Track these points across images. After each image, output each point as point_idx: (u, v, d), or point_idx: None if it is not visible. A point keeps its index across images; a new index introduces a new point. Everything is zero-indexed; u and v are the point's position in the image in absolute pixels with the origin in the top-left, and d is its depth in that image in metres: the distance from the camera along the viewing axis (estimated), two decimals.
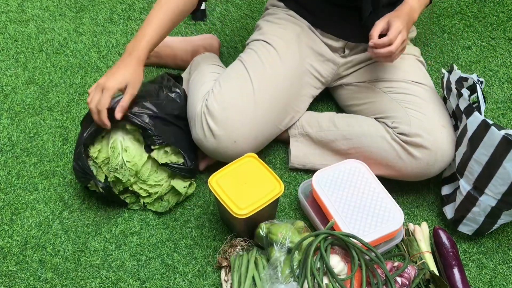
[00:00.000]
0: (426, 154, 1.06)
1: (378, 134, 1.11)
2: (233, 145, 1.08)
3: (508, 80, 1.43)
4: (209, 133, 1.08)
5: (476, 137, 0.99)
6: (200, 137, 1.09)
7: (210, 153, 1.11)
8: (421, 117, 1.08)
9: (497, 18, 1.60)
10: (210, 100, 1.09)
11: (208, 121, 1.07)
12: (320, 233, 0.98)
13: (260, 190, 1.00)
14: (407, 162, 1.08)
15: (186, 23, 1.56)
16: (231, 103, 1.07)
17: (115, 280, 1.04)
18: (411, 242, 1.06)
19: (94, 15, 1.57)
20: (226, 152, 1.08)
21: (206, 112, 1.08)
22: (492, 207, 1.01)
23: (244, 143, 1.08)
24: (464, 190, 1.05)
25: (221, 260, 1.04)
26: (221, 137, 1.07)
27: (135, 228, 1.12)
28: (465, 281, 1.01)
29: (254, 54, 1.16)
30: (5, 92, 1.36)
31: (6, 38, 1.50)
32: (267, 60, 1.14)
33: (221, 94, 1.09)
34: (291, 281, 0.95)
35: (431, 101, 1.12)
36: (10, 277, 1.04)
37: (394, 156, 1.09)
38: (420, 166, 1.07)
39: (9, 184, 1.18)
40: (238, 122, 1.07)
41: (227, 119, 1.07)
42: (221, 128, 1.07)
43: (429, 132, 1.06)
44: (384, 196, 1.07)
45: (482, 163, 0.99)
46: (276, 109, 1.13)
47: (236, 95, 1.09)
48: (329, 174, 1.11)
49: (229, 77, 1.13)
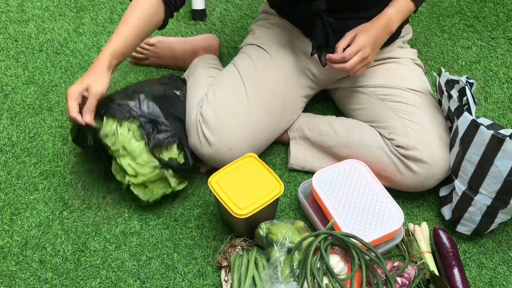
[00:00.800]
0: (424, 168, 1.06)
1: (376, 145, 1.11)
2: (229, 152, 1.09)
3: (508, 80, 1.43)
4: (205, 141, 1.09)
5: (467, 137, 1.00)
6: (196, 144, 1.10)
7: (206, 160, 1.12)
8: (418, 128, 1.08)
9: (497, 18, 1.60)
10: (204, 108, 1.10)
11: (203, 129, 1.09)
12: (320, 233, 0.98)
13: (260, 190, 1.00)
14: (406, 176, 1.08)
15: (186, 23, 1.56)
16: (225, 110, 1.09)
17: (115, 280, 1.04)
18: (411, 242, 1.06)
19: (94, 15, 1.57)
20: (222, 159, 1.10)
21: (201, 120, 1.09)
22: (487, 206, 1.02)
23: (239, 149, 1.09)
24: (459, 191, 1.05)
25: (221, 260, 1.04)
26: (216, 145, 1.08)
27: (135, 228, 1.12)
28: (465, 281, 1.01)
29: (248, 59, 1.16)
30: (5, 92, 1.36)
31: (6, 38, 1.50)
32: (261, 64, 1.15)
33: (215, 101, 1.10)
34: (291, 281, 0.95)
35: (427, 110, 1.11)
36: (10, 277, 1.04)
37: (392, 168, 1.09)
38: (418, 179, 1.08)
39: (9, 184, 1.18)
40: (232, 129, 1.08)
41: (222, 126, 1.08)
42: (215, 136, 1.08)
43: (426, 145, 1.06)
44: (384, 196, 1.07)
45: (475, 163, 1.00)
46: (272, 112, 1.13)
47: (230, 101, 1.10)
48: (329, 174, 1.11)
49: (223, 82, 1.14)
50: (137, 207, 1.15)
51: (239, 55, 1.20)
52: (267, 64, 1.15)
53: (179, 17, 1.58)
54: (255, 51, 1.18)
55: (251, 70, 1.14)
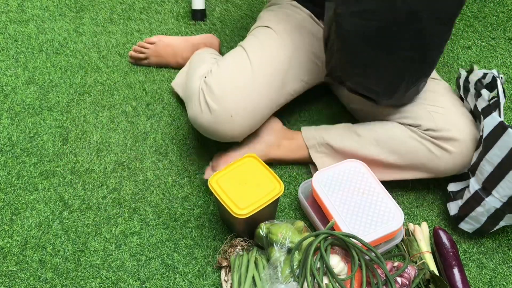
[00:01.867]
0: (457, 145, 1.05)
1: (406, 134, 1.09)
2: (229, 119, 1.06)
3: (508, 80, 1.43)
4: (206, 108, 1.07)
5: (491, 138, 0.99)
6: (196, 113, 1.08)
7: (205, 129, 1.09)
8: (441, 111, 1.07)
9: (497, 18, 1.60)
10: (208, 78, 1.09)
11: (205, 96, 1.07)
12: (320, 233, 0.98)
13: (260, 190, 1.00)
14: (442, 158, 1.06)
15: (186, 23, 1.56)
16: (228, 79, 1.07)
17: (115, 280, 1.04)
18: (411, 242, 1.06)
19: (94, 15, 1.57)
20: (222, 128, 1.07)
21: (204, 88, 1.08)
22: (496, 208, 1.01)
23: (240, 117, 1.07)
24: (472, 189, 1.04)
25: (221, 260, 1.04)
26: (217, 111, 1.06)
27: (135, 228, 1.12)
28: (465, 281, 1.01)
29: (254, 39, 1.16)
30: (5, 92, 1.36)
31: (6, 38, 1.50)
32: (267, 41, 1.14)
33: (219, 72, 1.09)
34: (291, 281, 0.95)
35: (446, 94, 1.11)
36: (10, 277, 1.04)
37: (428, 154, 1.07)
38: (456, 158, 1.06)
39: (9, 184, 1.18)
40: (235, 96, 1.06)
41: (224, 93, 1.06)
42: (217, 102, 1.06)
43: (454, 124, 1.05)
44: (384, 196, 1.07)
45: (494, 164, 0.98)
46: (273, 87, 1.11)
47: (234, 73, 1.09)
48: (329, 174, 1.11)
49: (229, 57, 1.13)
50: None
51: (246, 38, 1.19)
52: (273, 42, 1.14)
53: (179, 17, 1.58)
54: (262, 30, 1.17)
55: (257, 47, 1.13)
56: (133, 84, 1.39)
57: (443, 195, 1.19)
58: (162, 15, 1.58)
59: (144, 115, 1.32)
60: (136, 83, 1.39)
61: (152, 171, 1.21)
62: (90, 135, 1.27)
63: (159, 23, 1.56)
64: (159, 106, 1.34)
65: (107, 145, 1.26)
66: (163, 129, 1.30)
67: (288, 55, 1.14)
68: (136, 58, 1.43)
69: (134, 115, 1.32)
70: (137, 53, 1.42)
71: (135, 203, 1.16)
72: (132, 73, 1.42)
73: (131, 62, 1.45)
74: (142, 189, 1.18)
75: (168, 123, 1.31)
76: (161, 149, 1.25)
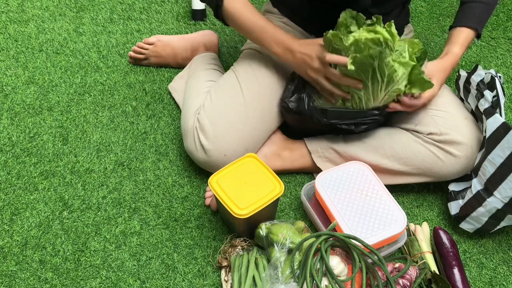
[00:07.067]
0: (462, 149, 1.06)
1: (409, 139, 1.09)
2: (223, 158, 1.10)
3: (508, 80, 1.43)
4: (200, 147, 1.10)
5: (493, 139, 0.99)
6: (192, 150, 1.12)
7: (201, 165, 1.13)
8: (443, 115, 1.08)
9: (497, 18, 1.60)
10: (201, 115, 1.11)
11: (199, 135, 1.10)
12: (322, 234, 0.98)
13: (260, 190, 1.00)
14: (447, 162, 1.07)
15: (186, 23, 1.56)
16: (221, 118, 1.09)
17: (115, 280, 1.04)
18: (412, 242, 1.06)
19: (94, 15, 1.57)
20: (217, 164, 1.10)
21: (197, 126, 1.11)
22: (497, 209, 1.01)
23: (234, 156, 1.10)
24: (474, 189, 1.04)
25: (221, 260, 1.04)
26: (211, 151, 1.09)
27: (135, 228, 1.12)
28: (465, 281, 1.01)
29: (248, 67, 1.16)
30: (5, 92, 1.36)
31: (6, 38, 1.50)
32: (260, 73, 1.14)
33: (212, 109, 1.11)
34: (291, 281, 0.94)
35: (446, 96, 1.11)
36: (10, 277, 1.04)
37: (432, 158, 1.07)
38: (460, 162, 1.07)
39: (9, 184, 1.18)
40: (227, 136, 1.09)
41: (217, 134, 1.08)
42: (211, 142, 1.09)
43: (456, 128, 1.06)
44: (387, 198, 1.06)
45: (496, 165, 0.98)
46: (267, 118, 1.13)
47: (227, 109, 1.10)
48: (332, 176, 1.10)
49: (221, 90, 1.14)
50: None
51: (240, 61, 1.19)
52: (267, 71, 1.15)
53: (179, 17, 1.58)
54: (255, 57, 1.17)
55: (250, 76, 1.14)
56: (133, 84, 1.39)
57: (443, 195, 1.19)
58: (162, 15, 1.58)
59: (144, 115, 1.32)
60: (136, 83, 1.39)
61: (152, 171, 1.21)
62: (90, 135, 1.27)
63: (159, 23, 1.56)
64: (159, 106, 1.34)
65: (107, 145, 1.26)
66: (163, 129, 1.30)
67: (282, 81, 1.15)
68: (135, 58, 1.43)
69: (134, 115, 1.32)
70: (137, 54, 1.42)
71: (135, 203, 1.16)
72: (132, 73, 1.42)
73: (131, 62, 1.44)
74: (142, 189, 1.18)
75: (168, 123, 1.31)
76: (161, 149, 1.25)
